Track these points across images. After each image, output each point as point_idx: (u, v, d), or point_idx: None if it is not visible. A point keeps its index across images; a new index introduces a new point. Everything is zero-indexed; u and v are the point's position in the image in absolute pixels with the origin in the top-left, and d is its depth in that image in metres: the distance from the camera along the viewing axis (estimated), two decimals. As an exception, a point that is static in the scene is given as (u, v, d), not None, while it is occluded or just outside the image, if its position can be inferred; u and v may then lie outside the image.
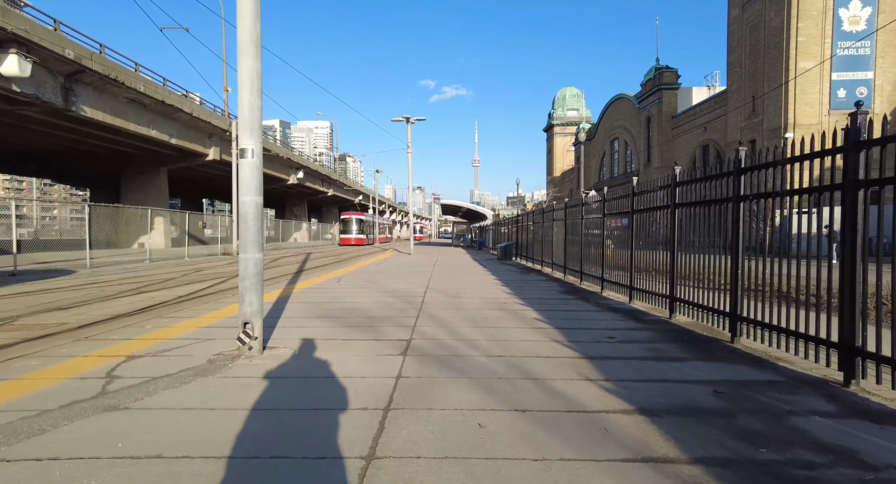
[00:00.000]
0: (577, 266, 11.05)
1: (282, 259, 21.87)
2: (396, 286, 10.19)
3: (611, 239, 9.14)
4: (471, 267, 16.32)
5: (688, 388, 3.58)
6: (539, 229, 15.72)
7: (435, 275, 13.03)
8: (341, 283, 10.87)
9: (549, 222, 14.19)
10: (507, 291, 9.56)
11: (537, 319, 6.40)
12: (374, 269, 15.28)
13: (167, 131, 26.67)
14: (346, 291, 9.39)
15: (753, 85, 30.60)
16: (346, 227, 47.17)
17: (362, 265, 16.90)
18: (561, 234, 12.62)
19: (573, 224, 11.50)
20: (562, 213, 12.54)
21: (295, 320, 6.21)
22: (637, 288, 7.61)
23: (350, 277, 12.15)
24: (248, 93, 4.46)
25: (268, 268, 16.37)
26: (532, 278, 12.33)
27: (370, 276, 12.72)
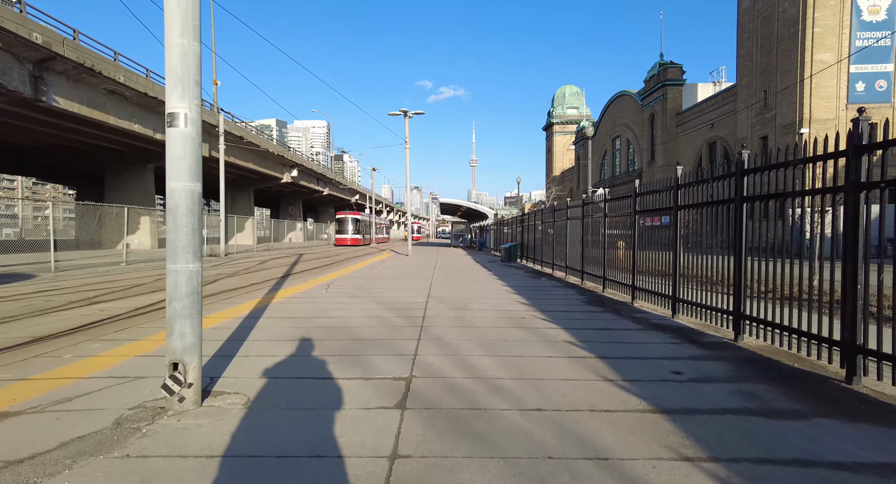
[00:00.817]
0: (599, 271, 9.74)
1: (271, 261, 20.51)
2: (393, 295, 8.85)
3: (637, 239, 7.84)
4: (474, 270, 15.01)
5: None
6: (549, 229, 14.41)
7: (436, 280, 11.71)
8: (330, 290, 9.52)
9: (561, 221, 12.88)
10: (521, 300, 8.24)
11: (570, 342, 5.08)
12: (368, 272, 13.94)
13: (151, 126, 25.26)
14: (335, 301, 8.05)
15: (765, 79, 29.39)
16: (341, 227, 45.76)
17: (356, 268, 15.56)
18: (577, 235, 11.31)
19: (593, 223, 10.20)
20: (578, 210, 11.22)
21: (263, 345, 4.88)
22: (684, 300, 6.30)
23: (341, 283, 10.81)
24: (180, 31, 3.09)
25: (253, 271, 15.00)
26: (545, 284, 11.01)
27: (364, 281, 11.39)
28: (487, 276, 13.05)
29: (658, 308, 7.27)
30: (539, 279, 12.18)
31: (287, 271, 15.08)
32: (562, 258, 12.82)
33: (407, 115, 24.31)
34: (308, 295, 8.82)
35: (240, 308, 7.22)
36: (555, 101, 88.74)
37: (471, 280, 11.80)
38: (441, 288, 9.96)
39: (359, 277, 12.31)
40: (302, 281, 11.53)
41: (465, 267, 16.44)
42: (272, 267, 17.02)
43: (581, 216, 10.88)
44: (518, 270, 15.09)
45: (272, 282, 11.59)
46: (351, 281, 11.36)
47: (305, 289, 9.77)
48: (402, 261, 19.81)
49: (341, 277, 12.26)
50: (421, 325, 5.97)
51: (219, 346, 4.86)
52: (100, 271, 14.57)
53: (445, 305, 7.55)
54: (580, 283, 10.95)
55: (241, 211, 47.74)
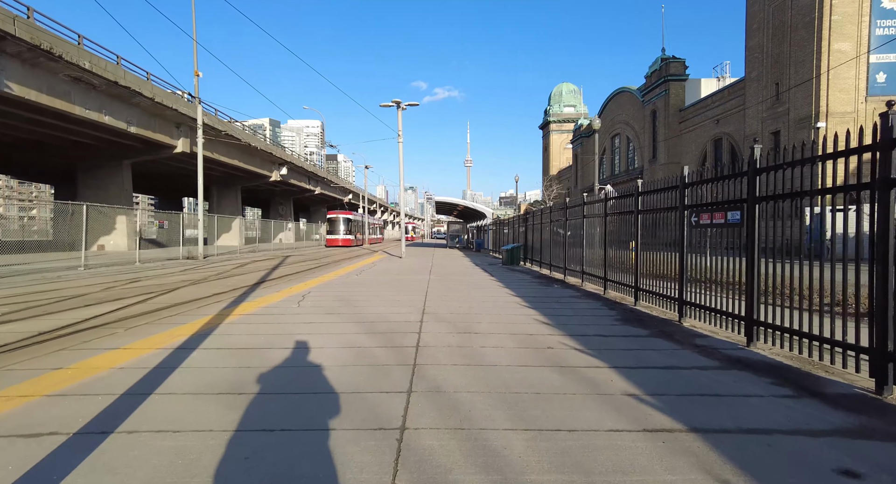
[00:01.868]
0: (627, 278, 8.11)
1: (251, 264, 18.76)
2: (380, 310, 7.18)
3: (685, 240, 6.22)
4: (474, 275, 13.36)
5: None
6: (560, 229, 12.79)
7: (433, 288, 10.04)
8: (304, 303, 7.84)
9: (575, 220, 11.26)
10: (538, 317, 6.59)
11: (633, 394, 3.44)
12: (355, 278, 12.25)
13: (124, 118, 23.40)
14: (304, 320, 6.37)
15: (778, 71, 27.96)
16: (332, 227, 43.96)
17: (343, 272, 13.87)
18: (597, 235, 9.68)
19: (618, 221, 8.58)
20: (597, 207, 9.59)
21: (172, 407, 3.19)
22: (769, 324, 4.67)
23: (320, 293, 9.13)
24: None
25: (225, 277, 13.25)
26: (560, 293, 9.38)
27: (348, 290, 9.70)
28: (490, 282, 11.40)
29: (719, 330, 5.65)
30: (551, 287, 10.55)
31: (263, 277, 13.36)
32: (576, 262, 11.19)
33: (400, 107, 22.64)
34: (274, 311, 7.12)
35: (178, 331, 5.53)
36: (551, 99, 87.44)
37: (472, 288, 10.15)
38: (439, 299, 8.30)
39: (343, 285, 10.62)
40: (275, 289, 9.83)
41: (463, 271, 14.80)
42: (249, 272, 15.29)
43: (602, 213, 9.25)
44: (524, 275, 13.46)
45: (240, 291, 9.88)
46: (332, 290, 9.67)
47: (274, 301, 8.07)
48: (394, 264, 18.13)
49: (322, 285, 10.56)
50: (413, 361, 4.30)
51: (106, 404, 3.18)
52: (49, 277, 12.78)
53: (445, 326, 5.89)
54: (602, 292, 9.32)
55: (228, 210, 45.88)
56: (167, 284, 11.27)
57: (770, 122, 28.71)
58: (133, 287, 10.74)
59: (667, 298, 6.76)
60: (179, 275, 14.02)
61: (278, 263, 20.00)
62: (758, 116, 29.81)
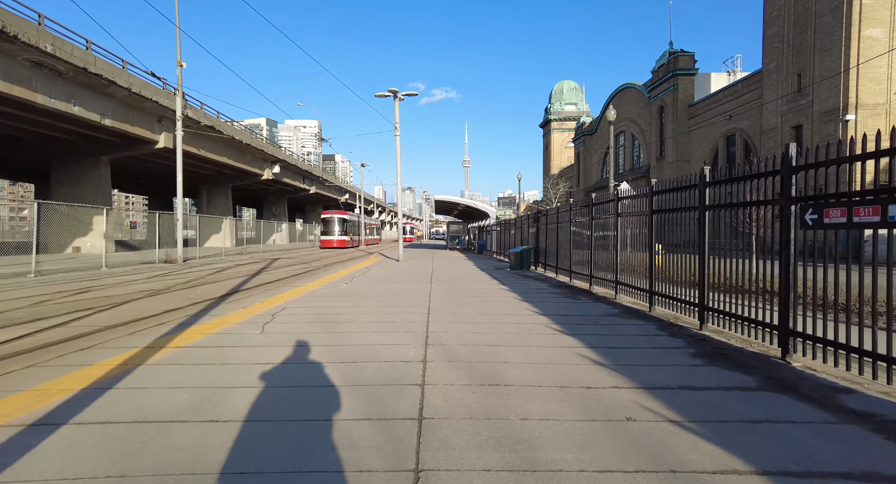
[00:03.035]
0: (689, 293, 6.32)
1: (233, 269, 16.92)
2: (367, 340, 5.37)
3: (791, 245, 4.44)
4: (482, 282, 11.56)
5: None
6: (583, 230, 10.99)
7: (436, 301, 8.24)
8: (270, 326, 6.02)
9: (604, 219, 9.46)
10: (586, 353, 4.79)
11: None
12: (344, 288, 10.43)
13: (97, 110, 21.52)
14: (261, 357, 4.56)
15: (800, 61, 26.26)
16: (327, 228, 42.07)
17: (331, 280, 12.05)
18: (639, 237, 7.89)
19: (673, 220, 6.79)
20: (641, 202, 7.79)
21: None
22: None
23: (297, 310, 7.31)
24: None
25: (194, 285, 11.38)
26: (594, 310, 7.58)
27: (332, 305, 7.89)
28: (504, 293, 9.59)
29: (865, 380, 3.86)
30: (578, 300, 8.75)
31: (238, 285, 11.53)
32: (606, 269, 9.40)
33: (397, 97, 20.82)
34: (226, 340, 5.30)
35: (64, 383, 3.72)
36: (552, 97, 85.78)
37: (484, 301, 8.35)
38: (445, 320, 6.50)
39: (327, 297, 8.80)
40: (244, 304, 8.01)
41: (469, 277, 13.00)
42: (225, 278, 13.46)
43: (647, 210, 7.45)
44: (539, 283, 11.66)
45: (199, 306, 8.05)
46: (313, 304, 7.85)
47: (234, 322, 6.25)
48: (391, 268, 16.32)
49: (303, 298, 8.75)
50: (416, 460, 2.50)
51: None
52: (-13, 287, 10.93)
53: (460, 372, 4.08)
54: (647, 308, 7.52)
55: (218, 210, 44.00)
56: (118, 297, 9.43)
57: (791, 116, 26.99)
58: (72, 301, 8.89)
59: (756, 323, 4.97)
60: (143, 283, 12.18)
61: (263, 267, 18.17)
62: (777, 110, 28.10)
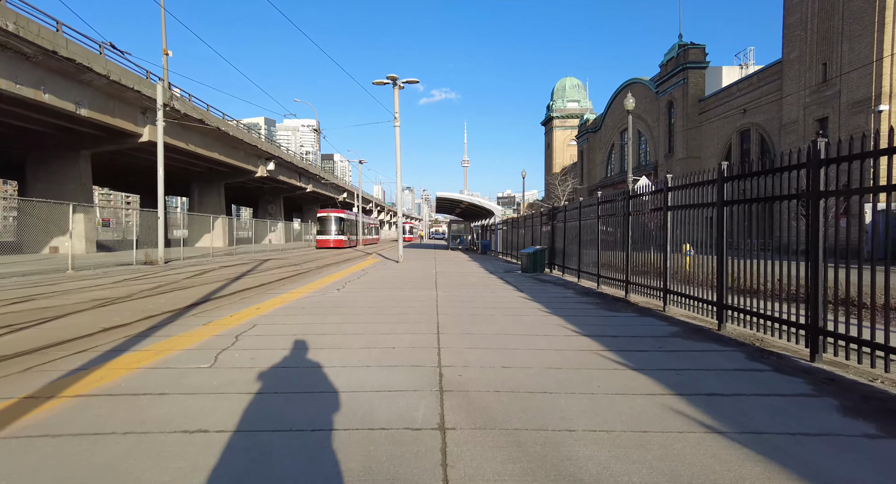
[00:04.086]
0: (784, 309, 4.73)
1: (214, 272, 15.30)
2: (357, 378, 3.75)
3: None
4: (496, 288, 9.96)
5: None
6: (615, 229, 9.39)
7: (445, 313, 6.64)
8: (227, 356, 4.42)
9: (642, 214, 7.87)
10: (687, 408, 3.21)
11: None
12: (334, 296, 8.82)
13: (72, 98, 19.88)
14: (191, 417, 2.96)
15: (825, 49, 24.69)
16: (323, 227, 40.42)
17: (321, 285, 10.45)
18: (700, 236, 6.29)
19: (761, 213, 5.20)
20: (705, 191, 6.18)
21: None
22: None
23: (269, 328, 5.72)
24: None
25: (162, 292, 9.70)
26: (649, 328, 5.99)
27: (315, 321, 6.28)
28: (524, 303, 8.00)
29: None
30: (618, 312, 7.15)
31: (212, 292, 9.91)
32: (648, 274, 7.80)
33: (396, 85, 19.22)
34: (158, 378, 3.69)
35: None
36: (554, 94, 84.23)
37: (504, 314, 6.75)
38: (461, 344, 4.90)
39: (311, 311, 7.19)
40: (208, 318, 6.40)
41: (478, 282, 11.40)
42: (202, 283, 11.85)
43: (713, 200, 5.85)
44: (562, 289, 10.06)
45: (153, 320, 6.44)
46: (291, 321, 6.25)
47: (185, 347, 4.65)
48: (390, 271, 14.72)
49: (282, 310, 7.14)
50: None
51: None
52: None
53: (503, 451, 2.47)
54: (713, 325, 5.92)
55: (210, 209, 42.35)
56: (59, 308, 7.81)
57: (815, 108, 25.42)
58: (24, 309, 7.27)
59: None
60: (103, 289, 10.56)
61: (249, 269, 16.56)
62: (799, 102, 26.53)
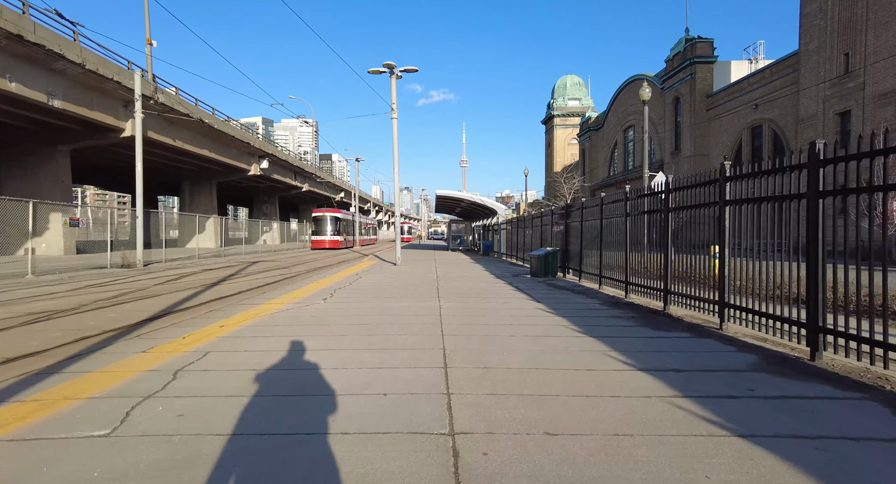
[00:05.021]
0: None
1: (194, 276, 13.86)
2: (317, 468, 2.35)
3: None
4: (508, 297, 8.55)
5: None
6: (642, 227, 7.99)
7: (452, 336, 5.23)
8: (141, 416, 3.01)
9: (689, 210, 6.46)
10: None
11: None
12: (319, 309, 7.40)
13: (43, 88, 18.43)
14: None
15: (847, 39, 23.37)
16: (318, 227, 38.95)
17: (307, 292, 9.03)
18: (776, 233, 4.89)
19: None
20: (788, 179, 4.77)
21: None
22: None
23: (226, 358, 4.31)
24: None
25: (122, 302, 8.23)
26: (721, 356, 4.59)
27: (287, 347, 4.86)
28: (546, 317, 6.59)
29: None
30: (666, 330, 5.76)
31: (176, 303, 8.48)
32: (698, 284, 6.39)
33: (393, 74, 17.81)
34: (22, 453, 2.29)
35: None
36: (555, 92, 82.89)
37: (526, 334, 5.34)
38: (479, 388, 3.49)
39: (285, 328, 5.77)
40: (154, 342, 4.99)
41: (486, 288, 9.98)
42: (172, 290, 10.42)
43: (800, 190, 4.45)
44: (585, 299, 8.65)
45: (79, 345, 5.02)
46: (256, 346, 4.83)
47: (88, 395, 3.24)
48: (386, 275, 13.31)
49: (250, 328, 5.73)
50: None
51: None
52: None
53: None
54: (806, 355, 4.52)
55: (201, 208, 40.88)
56: None
57: (836, 101, 24.09)
58: None
59: None
60: (55, 299, 9.13)
61: (233, 273, 15.13)
62: (817, 95, 25.20)
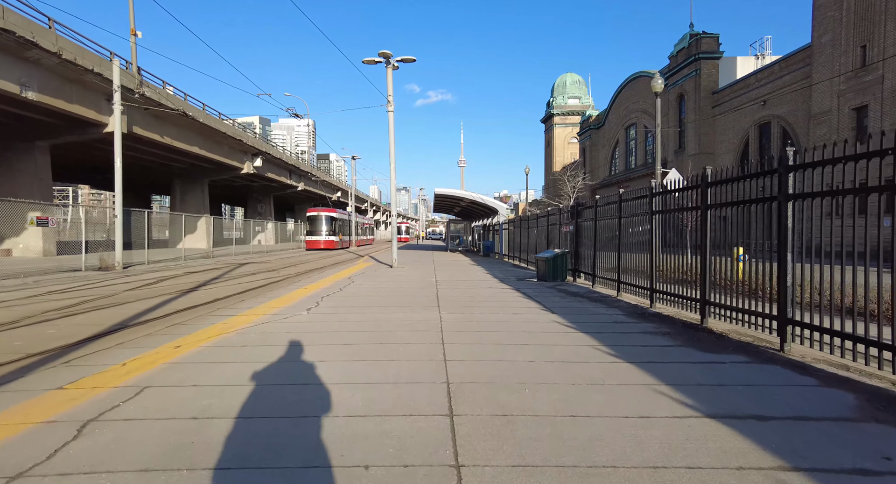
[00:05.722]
0: None
1: (173, 281, 12.76)
2: None
3: None
4: (518, 306, 7.48)
5: None
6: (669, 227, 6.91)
7: (457, 358, 4.14)
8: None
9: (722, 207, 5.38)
10: None
11: None
12: (297, 323, 6.30)
13: (15, 78, 17.28)
14: None
15: (864, 31, 22.39)
16: (313, 227, 37.78)
17: (290, 301, 7.93)
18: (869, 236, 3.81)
19: None
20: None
21: None
22: None
23: (164, 396, 3.21)
24: None
25: (81, 310, 7.14)
26: (809, 395, 3.53)
27: (246, 377, 3.77)
28: (567, 334, 5.52)
29: None
30: (716, 353, 4.69)
31: (137, 315, 7.38)
32: (735, 293, 5.31)
33: (389, 64, 16.71)
34: None
35: None
36: (554, 90, 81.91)
37: (549, 360, 4.27)
38: (500, 457, 2.42)
39: (253, 350, 4.67)
40: (92, 368, 3.88)
41: (492, 295, 8.91)
42: (141, 298, 9.32)
43: None
44: (605, 309, 7.58)
45: None
46: (210, 377, 3.73)
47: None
48: (381, 278, 12.22)
49: (210, 349, 4.63)
50: None
51: None
52: None
53: None
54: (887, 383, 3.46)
55: (193, 207, 39.74)
56: None
57: (851, 96, 23.11)
58: None
59: None
60: (2, 308, 8.02)
61: (216, 276, 14.03)
62: (831, 90, 24.21)
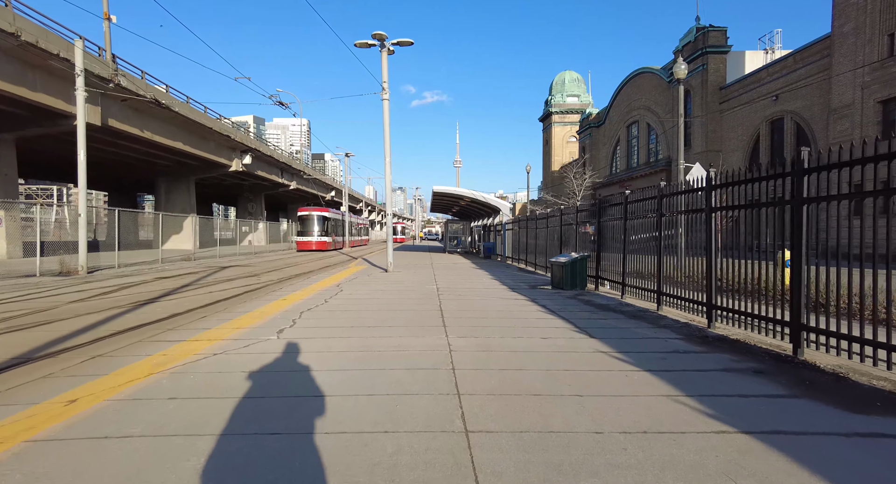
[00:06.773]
0: None
1: (139, 287, 11.11)
2: None
3: None
4: (539, 323, 5.94)
5: None
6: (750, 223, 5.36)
7: (481, 428, 2.61)
8: None
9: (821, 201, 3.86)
10: None
11: None
12: (262, 353, 4.71)
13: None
14: None
15: (891, 17, 21.03)
16: (304, 227, 36.07)
17: (258, 319, 6.36)
18: None
19: None
20: None
21: None
22: None
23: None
24: None
25: None
26: None
27: (153, 467, 2.22)
28: (624, 375, 3.98)
29: None
30: (871, 415, 3.18)
31: (60, 339, 5.78)
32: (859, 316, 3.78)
33: (384, 47, 15.12)
34: None
35: None
36: (553, 88, 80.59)
37: (619, 429, 2.74)
38: None
39: (187, 409, 3.11)
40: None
41: (505, 308, 7.36)
42: (84, 312, 7.70)
43: None
44: (650, 329, 6.05)
45: None
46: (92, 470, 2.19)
47: None
48: (374, 285, 10.63)
49: (123, 404, 3.04)
50: None
51: None
52: None
53: None
54: None
55: (178, 207, 38.01)
56: None
57: (877, 88, 21.74)
58: None
59: None
60: None
61: (189, 282, 12.39)
62: (855, 82, 22.84)
